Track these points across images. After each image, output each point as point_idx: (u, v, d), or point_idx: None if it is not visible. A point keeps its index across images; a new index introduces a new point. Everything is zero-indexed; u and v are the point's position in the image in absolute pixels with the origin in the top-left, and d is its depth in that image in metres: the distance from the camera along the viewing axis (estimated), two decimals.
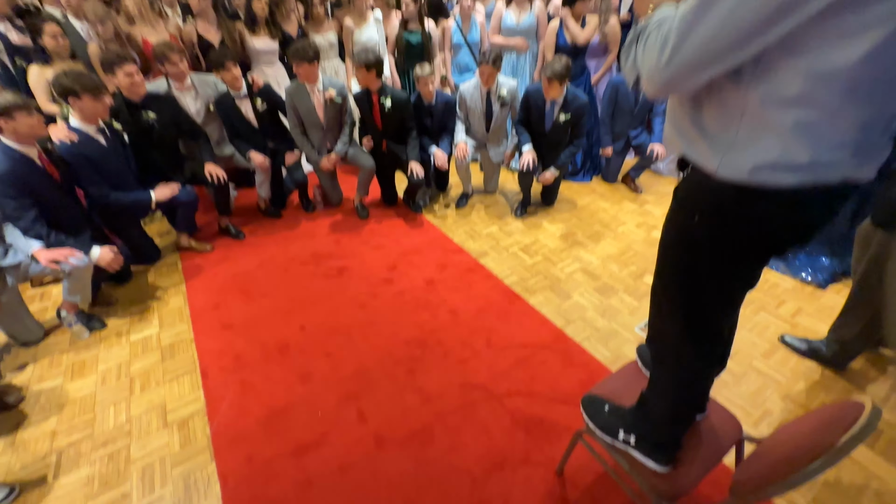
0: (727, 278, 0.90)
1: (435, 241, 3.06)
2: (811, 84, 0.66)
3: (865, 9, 0.59)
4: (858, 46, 0.61)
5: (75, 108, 2.33)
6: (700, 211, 0.86)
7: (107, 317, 2.49)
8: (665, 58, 0.71)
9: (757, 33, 0.64)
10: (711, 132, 0.79)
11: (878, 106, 0.67)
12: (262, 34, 3.52)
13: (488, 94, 3.12)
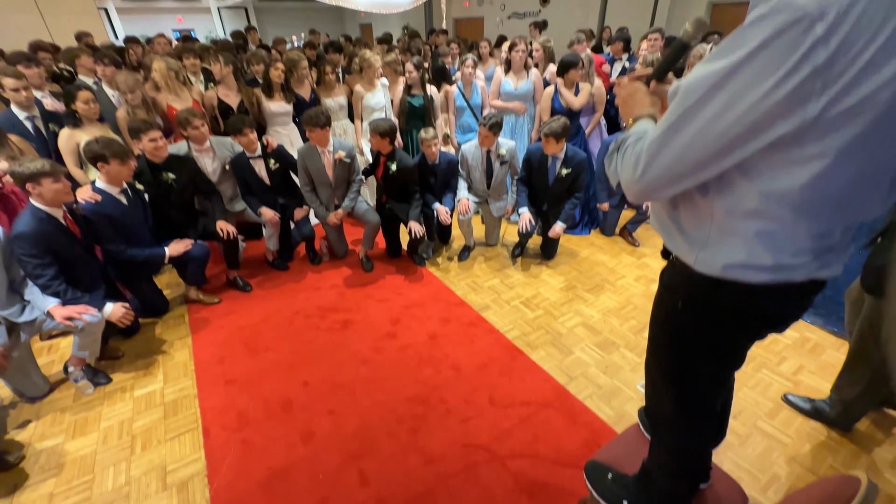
0: (713, 361, 0.95)
1: (437, 293, 3.12)
2: (766, 201, 0.75)
3: (805, 145, 0.68)
4: (803, 174, 0.70)
5: (103, 172, 2.49)
6: (683, 298, 0.93)
7: (112, 371, 2.51)
8: (637, 174, 0.81)
9: (712, 161, 0.73)
10: (687, 230, 0.87)
11: (830, 221, 0.75)
12: (278, 98, 3.78)
13: (488, 154, 3.30)
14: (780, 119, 0.66)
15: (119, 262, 2.66)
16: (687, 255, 0.88)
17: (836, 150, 0.67)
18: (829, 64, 0.61)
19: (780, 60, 0.62)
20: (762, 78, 0.64)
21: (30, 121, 2.95)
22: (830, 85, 0.62)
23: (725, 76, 0.67)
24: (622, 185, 0.87)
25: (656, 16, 7.70)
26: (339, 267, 3.50)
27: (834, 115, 0.65)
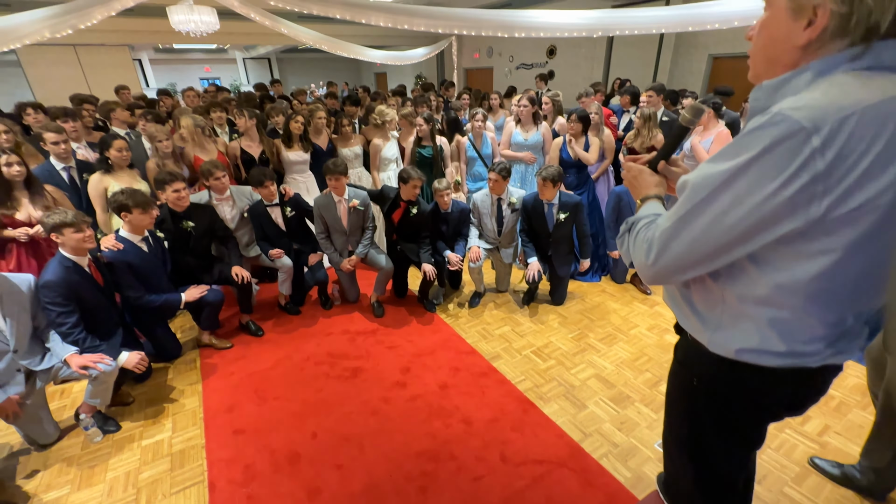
0: (730, 439, 0.94)
1: (448, 341, 3.10)
2: (777, 290, 0.77)
3: (813, 240, 0.71)
4: (813, 266, 0.73)
5: (126, 221, 2.61)
6: (698, 375, 0.93)
7: (122, 417, 2.50)
8: (650, 260, 0.83)
9: (722, 252, 0.76)
10: (700, 310, 0.89)
11: (842, 309, 0.77)
12: (296, 148, 3.97)
13: (499, 202, 3.39)
14: (786, 218, 0.70)
15: (136, 307, 2.73)
16: (700, 335, 0.89)
17: (843, 246, 0.70)
18: (828, 171, 0.65)
19: (782, 166, 0.67)
20: (766, 180, 0.68)
21: (66, 171, 3.13)
22: (831, 189, 0.66)
23: (732, 176, 0.71)
24: (637, 269, 0.90)
25: (659, 67, 8.03)
26: (350, 312, 3.52)
27: (838, 216, 0.68)
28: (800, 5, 0.71)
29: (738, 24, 4.38)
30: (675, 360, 1.05)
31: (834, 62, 0.71)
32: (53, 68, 10.10)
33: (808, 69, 0.73)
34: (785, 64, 0.77)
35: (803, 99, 0.68)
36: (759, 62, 0.83)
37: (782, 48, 0.76)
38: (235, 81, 17.64)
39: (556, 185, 3.14)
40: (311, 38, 6.52)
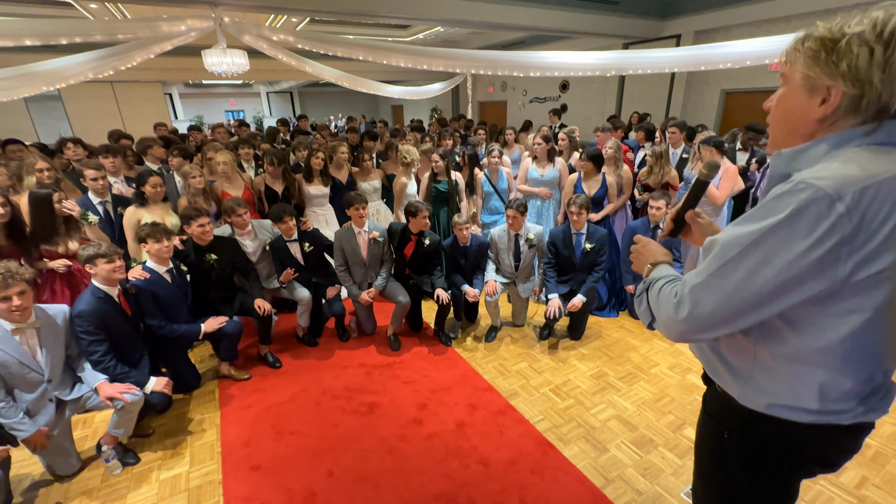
0: (763, 495, 0.92)
1: (465, 377, 3.08)
2: (810, 349, 0.78)
3: (841, 301, 0.73)
4: (843, 327, 0.74)
5: (146, 250, 2.73)
6: (728, 428, 0.93)
7: (142, 449, 2.52)
8: (681, 315, 0.84)
9: (753, 309, 0.78)
10: (731, 363, 0.90)
11: (872, 368, 0.77)
12: (317, 182, 4.11)
13: (517, 237, 3.42)
14: (813, 278, 0.72)
15: (157, 336, 2.79)
16: (731, 388, 0.90)
17: (873, 307, 0.72)
18: (853, 235, 0.68)
19: (809, 228, 0.70)
20: (796, 241, 0.71)
21: (101, 205, 3.29)
22: (856, 252, 0.69)
23: (762, 236, 0.74)
24: (661, 326, 0.91)
25: (671, 102, 8.16)
26: (367, 344, 3.53)
27: (863, 279, 0.70)
28: (814, 84, 0.77)
29: (751, 64, 4.47)
30: (703, 410, 1.04)
31: (848, 136, 0.75)
32: (91, 102, 10.71)
33: (824, 141, 0.78)
34: (802, 135, 0.81)
35: (825, 170, 0.72)
36: (777, 132, 0.88)
37: (799, 121, 0.81)
38: (258, 114, 18.44)
39: (588, 211, 3.25)
40: (333, 76, 6.84)
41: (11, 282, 2.00)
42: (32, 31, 3.81)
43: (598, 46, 8.85)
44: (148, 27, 4.49)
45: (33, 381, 2.14)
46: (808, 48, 0.77)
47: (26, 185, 3.18)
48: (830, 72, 0.74)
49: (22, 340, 2.11)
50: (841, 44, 0.72)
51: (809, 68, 0.76)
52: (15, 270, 2.03)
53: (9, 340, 2.06)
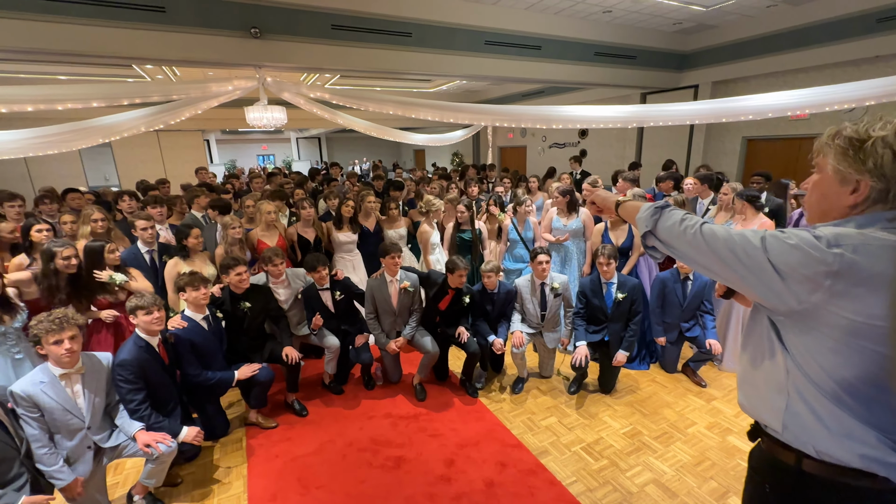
0: None
1: (492, 431, 3.01)
2: (840, 386, 0.87)
3: (822, 331, 0.86)
4: (857, 363, 0.84)
5: (184, 299, 2.85)
6: (770, 482, 0.98)
7: (170, 499, 2.52)
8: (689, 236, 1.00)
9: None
10: (773, 405, 0.97)
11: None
12: (346, 229, 4.26)
13: (542, 286, 3.44)
14: (796, 283, 0.85)
15: (194, 384, 2.85)
16: (775, 423, 0.97)
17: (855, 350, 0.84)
18: (838, 274, 0.82)
19: (807, 252, 0.85)
20: (789, 240, 0.87)
21: (148, 254, 3.49)
22: (836, 289, 0.82)
23: (765, 234, 0.91)
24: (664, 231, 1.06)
25: (692, 148, 8.24)
26: (393, 394, 3.51)
27: (840, 316, 0.83)
28: (844, 177, 0.89)
29: (773, 115, 4.54)
30: (749, 466, 1.11)
31: (874, 219, 0.87)
32: (137, 149, 11.50)
33: (852, 221, 0.89)
34: (835, 217, 0.94)
35: (837, 228, 0.87)
36: (814, 212, 1.00)
37: (832, 206, 0.94)
38: (288, 157, 19.40)
39: (616, 260, 3.26)
40: (363, 126, 7.21)
41: (66, 325, 2.12)
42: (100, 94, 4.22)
43: (617, 95, 9.14)
44: (199, 88, 4.90)
45: (74, 428, 2.20)
46: (838, 145, 0.89)
47: (81, 234, 3.40)
48: (858, 167, 0.86)
49: (67, 385, 2.19)
50: (867, 144, 0.85)
51: (840, 163, 0.89)
52: (70, 316, 2.16)
53: (56, 385, 2.15)
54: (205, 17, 4.57)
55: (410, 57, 5.74)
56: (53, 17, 4.04)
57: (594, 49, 6.94)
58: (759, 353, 1.00)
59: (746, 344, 1.07)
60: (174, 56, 4.59)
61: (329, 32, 5.23)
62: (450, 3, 5.81)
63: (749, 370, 1.05)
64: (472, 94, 12.82)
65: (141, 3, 4.26)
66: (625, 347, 3.25)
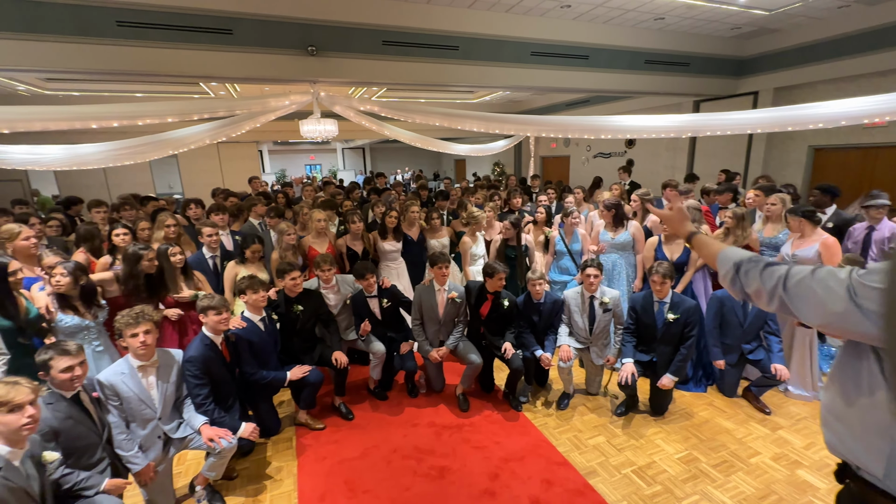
0: None
1: (538, 447, 2.95)
2: None
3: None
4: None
5: (244, 301, 3.01)
6: None
7: (227, 492, 2.66)
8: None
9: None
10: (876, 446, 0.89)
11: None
12: (390, 238, 4.36)
13: (591, 300, 3.35)
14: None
15: (249, 382, 3.00)
16: (876, 468, 0.89)
17: None
18: None
19: None
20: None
21: (212, 259, 3.73)
22: None
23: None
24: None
25: (751, 158, 7.79)
26: (436, 403, 3.53)
27: None
28: None
29: (846, 124, 4.21)
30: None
31: None
32: (199, 160, 12.35)
33: None
34: None
35: None
36: None
37: None
38: (334, 167, 20.15)
39: (672, 279, 3.12)
40: (408, 137, 7.39)
41: (142, 321, 2.32)
42: (174, 110, 4.61)
43: (666, 104, 8.83)
44: (260, 103, 5.23)
45: (146, 418, 2.38)
46: None
47: (155, 238, 3.70)
48: None
49: (143, 377, 2.38)
50: None
51: None
52: (147, 312, 2.37)
53: (134, 376, 2.34)
54: (267, 37, 4.88)
55: (457, 69, 5.84)
56: (136, 42, 4.46)
57: (644, 57, 6.76)
58: (854, 388, 0.92)
59: (837, 376, 0.98)
60: (239, 74, 4.92)
61: (379, 48, 5.43)
62: (496, 16, 5.87)
63: (840, 406, 0.96)
64: (515, 105, 12.81)
65: (212, 27, 4.61)
66: (672, 371, 3.09)
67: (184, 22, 4.51)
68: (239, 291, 3.05)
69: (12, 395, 1.62)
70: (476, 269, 4.22)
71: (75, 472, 1.96)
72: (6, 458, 1.64)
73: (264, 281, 3.13)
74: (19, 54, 4.12)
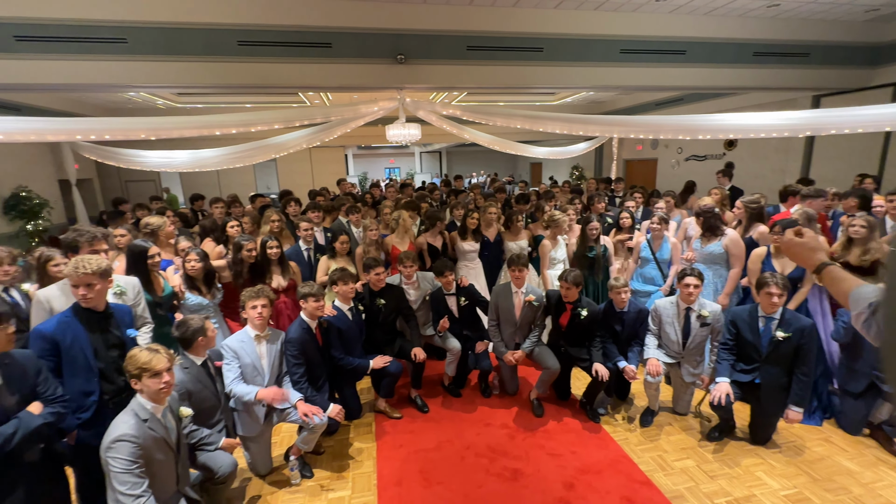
0: None
1: (617, 462, 2.80)
2: None
3: None
4: None
5: (335, 291, 3.25)
6: None
7: (314, 465, 2.89)
8: None
9: None
10: None
11: None
12: (469, 239, 4.42)
13: (687, 312, 3.10)
14: None
15: (335, 367, 3.24)
16: None
17: None
18: None
19: None
20: None
21: (306, 252, 4.10)
22: None
23: None
24: None
25: (887, 159, 6.66)
26: (509, 405, 3.51)
27: None
28: None
29: None
30: None
31: None
32: (294, 163, 13.55)
33: None
34: None
35: None
36: None
37: None
38: (411, 171, 20.93)
39: (781, 296, 2.76)
40: (487, 140, 7.45)
41: (261, 295, 2.69)
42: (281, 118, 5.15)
43: (778, 100, 7.87)
44: (351, 110, 5.63)
45: (256, 383, 2.68)
46: None
47: (262, 231, 4.15)
48: None
49: (257, 346, 2.70)
50: None
51: None
52: (266, 289, 2.75)
53: (251, 344, 2.68)
54: (362, 49, 5.23)
55: (541, 71, 5.75)
56: (252, 59, 5.03)
57: (753, 49, 6.10)
58: None
59: None
60: (336, 83, 5.33)
61: (464, 53, 5.55)
62: (583, 15, 5.69)
63: None
64: (598, 106, 12.29)
65: (315, 42, 5.06)
66: (795, 402, 2.74)
67: (292, 38, 5.00)
68: (331, 282, 3.32)
69: (154, 362, 1.91)
70: (554, 274, 4.12)
71: (201, 429, 2.27)
72: (151, 411, 1.95)
73: (353, 274, 3.37)
74: (163, 73, 4.87)
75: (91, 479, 2.08)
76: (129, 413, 1.90)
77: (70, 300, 2.19)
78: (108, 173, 11.00)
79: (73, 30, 4.45)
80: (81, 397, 2.08)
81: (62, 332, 2.06)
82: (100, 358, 2.13)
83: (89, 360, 2.09)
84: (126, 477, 1.78)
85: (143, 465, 1.83)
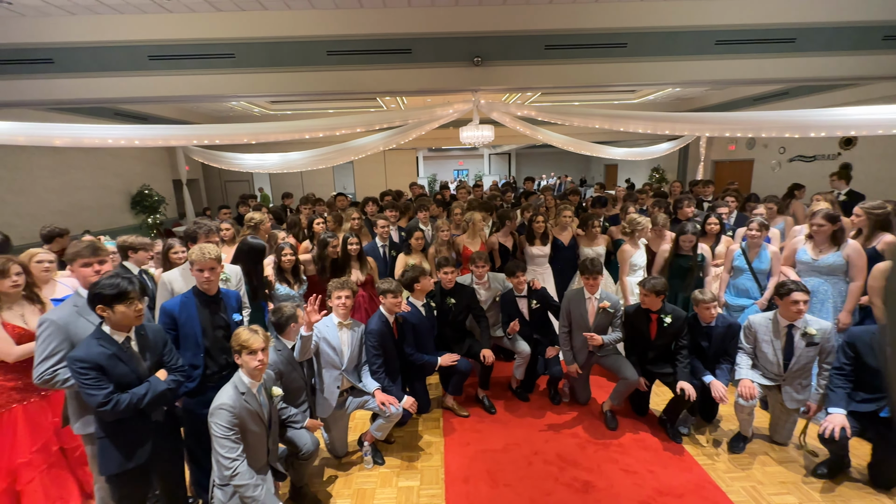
0: None
1: (702, 488, 2.59)
2: None
3: None
4: None
5: (410, 290, 3.34)
6: None
7: (386, 453, 3.02)
8: None
9: None
10: None
11: None
12: (538, 243, 4.33)
13: (790, 329, 2.78)
14: None
15: (407, 361, 3.34)
16: None
17: None
18: None
19: None
20: None
21: (382, 248, 4.29)
22: None
23: None
24: None
25: None
26: (579, 415, 3.40)
27: None
28: None
29: None
30: None
31: None
32: (370, 165, 14.24)
33: None
34: None
35: None
36: None
37: None
38: (480, 172, 20.99)
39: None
40: (560, 141, 7.26)
41: (345, 287, 2.88)
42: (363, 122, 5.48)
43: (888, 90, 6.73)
44: (427, 113, 5.80)
45: (335, 366, 2.86)
46: None
47: (343, 229, 4.42)
48: None
49: (340, 333, 2.89)
50: None
51: None
52: (350, 282, 2.95)
53: (334, 330, 2.87)
54: (440, 53, 5.37)
55: (623, 68, 5.47)
56: (340, 67, 5.39)
57: (883, 32, 5.28)
58: None
59: None
60: (415, 87, 5.52)
61: (542, 53, 5.45)
62: (672, 6, 5.31)
63: None
64: (685, 103, 11.38)
65: (396, 48, 5.29)
66: None
67: (375, 46, 5.28)
68: (407, 282, 3.43)
69: (252, 341, 2.11)
70: (634, 280, 3.90)
71: (289, 408, 2.48)
72: (248, 386, 2.16)
73: (427, 270, 3.47)
74: (263, 83, 5.38)
75: (194, 440, 2.38)
76: (231, 385, 2.13)
77: (188, 283, 2.50)
78: (211, 174, 12.41)
79: (192, 48, 5.10)
80: (189, 369, 2.36)
81: (181, 310, 2.36)
82: (206, 337, 2.39)
83: (198, 338, 2.37)
84: (225, 441, 2.00)
85: (238, 433, 2.04)
